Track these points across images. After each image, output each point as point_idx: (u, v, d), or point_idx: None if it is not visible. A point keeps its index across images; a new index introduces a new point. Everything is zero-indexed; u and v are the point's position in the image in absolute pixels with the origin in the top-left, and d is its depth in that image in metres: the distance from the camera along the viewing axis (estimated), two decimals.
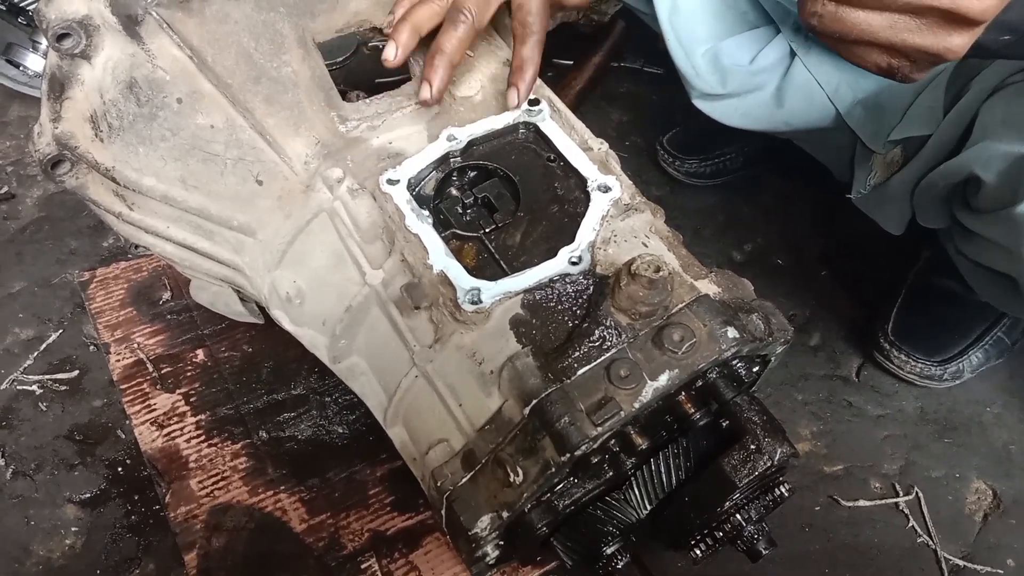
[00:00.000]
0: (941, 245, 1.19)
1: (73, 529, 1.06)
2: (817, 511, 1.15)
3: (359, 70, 1.91)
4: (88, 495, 1.09)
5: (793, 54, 1.16)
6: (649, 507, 0.86)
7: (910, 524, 1.14)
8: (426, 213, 0.84)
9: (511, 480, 0.76)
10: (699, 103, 1.23)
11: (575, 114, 0.97)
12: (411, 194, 0.86)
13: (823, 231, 1.53)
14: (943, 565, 1.10)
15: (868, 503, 1.16)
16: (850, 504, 1.15)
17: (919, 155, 1.06)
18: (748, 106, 1.20)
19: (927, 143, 1.06)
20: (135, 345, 1.23)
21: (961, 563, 1.11)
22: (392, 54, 0.87)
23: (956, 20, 0.68)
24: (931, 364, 1.26)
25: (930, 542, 1.12)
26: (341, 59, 1.84)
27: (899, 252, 1.39)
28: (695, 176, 1.60)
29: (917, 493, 1.17)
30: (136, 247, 1.36)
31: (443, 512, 0.83)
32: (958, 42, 0.70)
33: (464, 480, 0.80)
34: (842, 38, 0.74)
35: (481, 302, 0.80)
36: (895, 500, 1.16)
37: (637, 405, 0.73)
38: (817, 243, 1.52)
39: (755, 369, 0.91)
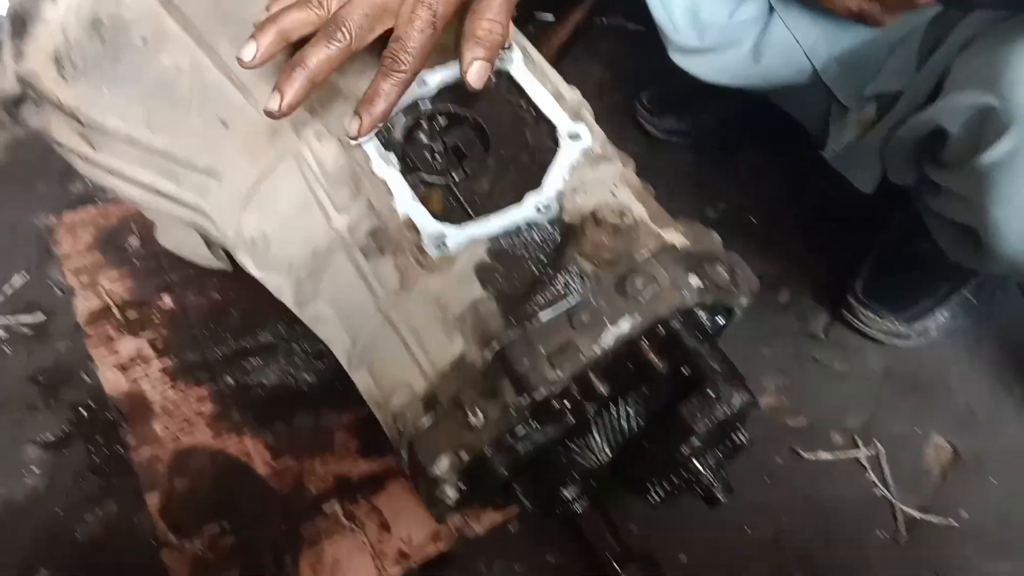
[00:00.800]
0: (914, 206, 1.20)
1: (36, 470, 1.06)
2: (779, 463, 1.16)
3: None
4: (52, 437, 1.09)
5: (771, 9, 1.15)
6: (610, 453, 0.87)
7: (870, 477, 1.16)
8: (393, 158, 0.83)
9: (471, 423, 0.77)
10: (676, 58, 1.22)
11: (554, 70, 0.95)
12: (379, 139, 0.85)
13: (798, 191, 1.54)
14: (899, 517, 1.13)
15: (829, 456, 1.18)
16: (811, 456, 1.17)
17: (892, 111, 1.06)
18: (725, 62, 1.19)
19: (900, 99, 1.06)
20: (102, 290, 1.22)
21: (918, 515, 1.13)
22: (249, 55, 0.74)
23: None
24: (898, 322, 1.28)
25: (888, 495, 1.15)
26: None
27: (873, 213, 1.39)
28: (673, 134, 1.59)
29: (878, 447, 1.19)
30: (104, 191, 1.34)
31: (405, 454, 0.84)
32: None
33: (425, 422, 0.80)
34: None
35: (446, 247, 0.79)
36: (856, 454, 1.18)
37: (597, 350, 0.74)
38: (792, 203, 1.52)
39: (720, 320, 0.91)
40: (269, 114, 0.76)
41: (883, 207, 1.37)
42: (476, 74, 0.79)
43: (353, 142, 0.80)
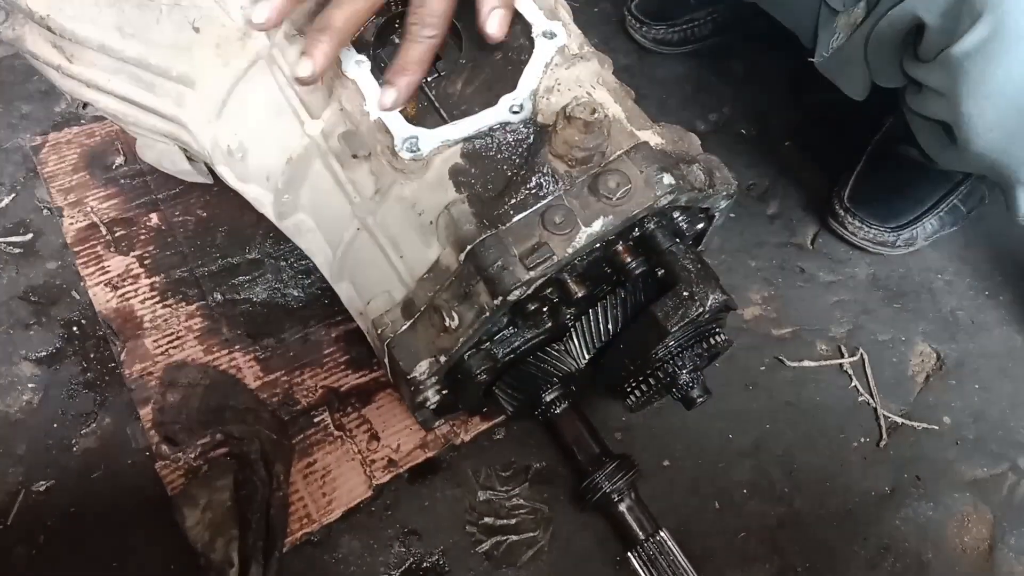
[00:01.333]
0: (900, 112, 1.18)
1: (30, 385, 1.07)
2: (762, 371, 1.17)
3: None
4: (44, 353, 1.10)
5: None
6: (588, 356, 0.88)
7: (853, 384, 1.17)
8: (364, 59, 0.82)
9: (448, 325, 0.77)
10: None
11: None
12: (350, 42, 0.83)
13: (790, 102, 1.51)
14: (882, 422, 1.14)
15: (813, 363, 1.19)
16: (795, 364, 1.18)
17: (876, 7, 1.04)
18: None
19: None
20: (88, 209, 1.22)
21: (899, 420, 1.15)
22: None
23: None
24: (885, 230, 1.27)
25: (871, 400, 1.16)
26: None
27: (864, 123, 1.37)
28: (663, 43, 1.56)
29: (862, 354, 1.20)
30: (85, 107, 1.33)
31: (386, 361, 0.85)
32: None
33: (404, 327, 0.81)
34: None
35: (419, 150, 0.79)
36: (839, 361, 1.19)
37: (570, 251, 0.74)
38: (783, 114, 1.50)
39: (698, 225, 0.91)
40: (301, 81, 0.75)
41: (875, 116, 1.35)
42: (497, 23, 0.78)
43: (386, 114, 0.79)
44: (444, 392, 0.88)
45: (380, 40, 0.85)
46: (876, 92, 1.17)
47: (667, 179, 0.75)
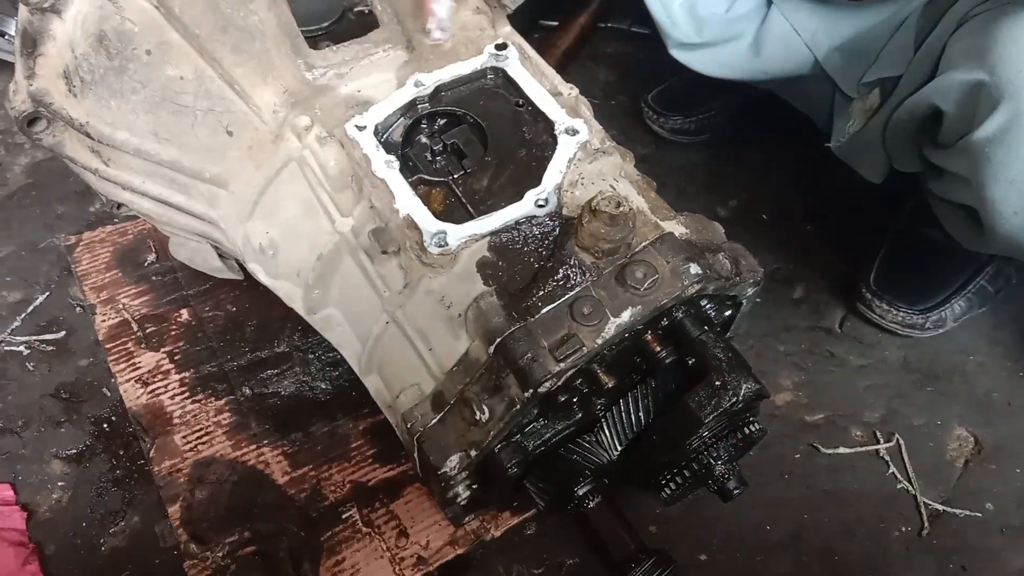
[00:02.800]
0: (922, 194, 1.19)
1: (60, 484, 1.07)
2: (797, 459, 1.15)
3: (345, 35, 1.90)
4: (74, 451, 1.10)
5: (769, 2, 1.16)
6: (620, 448, 0.87)
7: (891, 471, 1.15)
8: (393, 159, 0.84)
9: (478, 418, 0.77)
10: (676, 53, 1.23)
11: (561, 75, 0.96)
12: (379, 140, 0.86)
13: (808, 186, 1.53)
14: (923, 510, 1.11)
15: (848, 450, 1.16)
16: (830, 451, 1.16)
17: (892, 96, 1.06)
18: (726, 56, 1.20)
19: (899, 83, 1.06)
20: (120, 306, 1.24)
21: (941, 508, 1.12)
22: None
23: None
24: (913, 313, 1.26)
25: (910, 488, 1.13)
26: (327, 24, 1.84)
27: (884, 205, 1.38)
28: (680, 133, 1.59)
29: (898, 440, 1.17)
30: (119, 207, 1.36)
31: (416, 455, 0.84)
32: None
33: (433, 421, 0.81)
34: None
35: (447, 245, 0.80)
36: (876, 447, 1.17)
37: (600, 341, 0.74)
38: (802, 198, 1.51)
39: (726, 312, 0.91)
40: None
41: (894, 197, 1.36)
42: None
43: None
44: (474, 487, 0.87)
45: (408, 141, 0.87)
46: (894, 175, 1.19)
47: (694, 269, 0.76)
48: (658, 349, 0.80)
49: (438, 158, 0.88)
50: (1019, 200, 0.90)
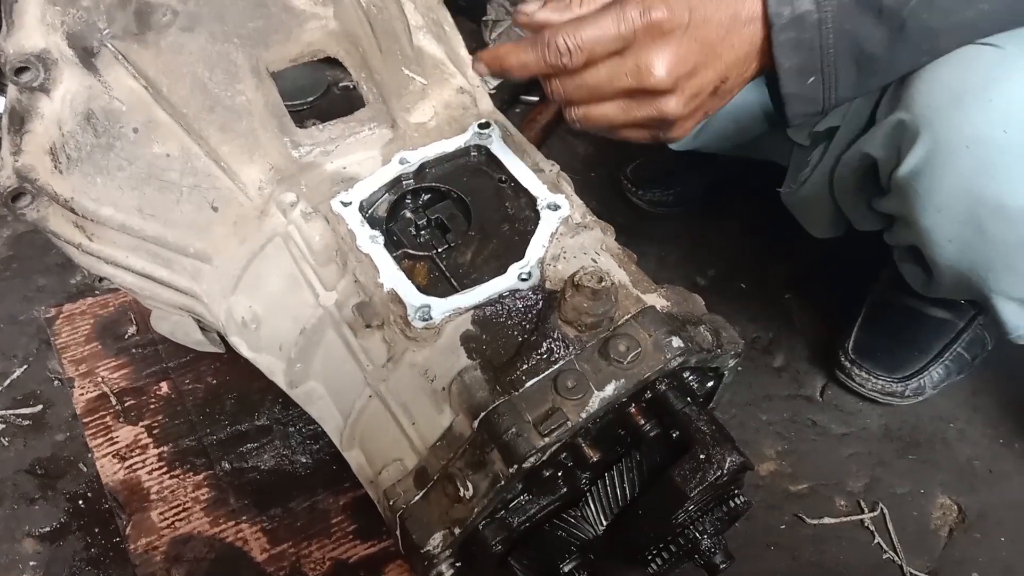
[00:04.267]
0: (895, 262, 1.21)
1: (32, 563, 1.05)
2: (782, 530, 1.15)
3: (330, 109, 1.93)
4: (48, 529, 1.08)
5: None
6: (605, 523, 0.86)
7: (876, 540, 1.14)
8: (378, 234, 0.85)
9: (462, 495, 0.76)
10: None
11: (541, 149, 0.98)
12: (363, 216, 0.87)
13: (786, 254, 1.55)
14: None
15: (833, 520, 1.16)
16: (815, 522, 1.15)
17: (831, 147, 1.09)
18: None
19: (836, 133, 1.09)
20: (99, 379, 1.23)
21: None
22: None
23: (647, 92, 0.77)
24: (892, 381, 1.27)
25: (896, 558, 1.13)
26: (311, 98, 1.87)
27: (861, 272, 1.41)
28: (659, 205, 1.62)
29: (882, 509, 1.17)
30: (101, 280, 1.36)
31: (397, 533, 0.83)
32: (671, 105, 0.79)
33: (416, 498, 0.80)
34: (607, 127, 0.82)
35: (431, 319, 0.81)
36: (860, 517, 1.17)
37: (584, 415, 0.74)
38: (780, 266, 1.54)
39: (708, 384, 0.92)
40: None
41: (872, 264, 1.38)
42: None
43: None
44: (458, 564, 0.86)
45: (392, 216, 0.89)
46: (874, 242, 1.20)
47: (676, 342, 0.77)
48: (642, 422, 0.81)
49: (422, 232, 0.89)
50: (951, 227, 0.93)
